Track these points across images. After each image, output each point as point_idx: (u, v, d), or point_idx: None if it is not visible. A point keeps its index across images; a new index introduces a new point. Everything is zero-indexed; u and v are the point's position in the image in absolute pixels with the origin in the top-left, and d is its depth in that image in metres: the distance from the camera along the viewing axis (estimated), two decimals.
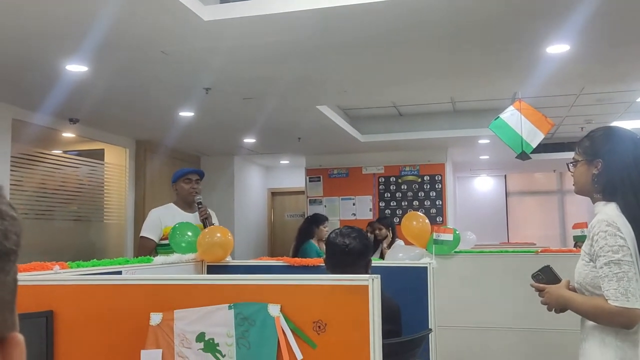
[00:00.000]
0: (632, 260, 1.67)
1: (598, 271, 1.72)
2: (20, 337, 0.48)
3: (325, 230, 5.45)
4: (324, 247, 5.84)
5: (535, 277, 1.97)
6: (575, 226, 3.35)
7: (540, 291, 1.94)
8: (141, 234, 3.72)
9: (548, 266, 1.97)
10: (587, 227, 3.29)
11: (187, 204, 3.78)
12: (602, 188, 1.82)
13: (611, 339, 1.71)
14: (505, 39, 3.49)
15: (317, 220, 5.64)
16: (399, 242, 5.37)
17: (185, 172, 3.87)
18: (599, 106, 6.39)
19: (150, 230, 3.67)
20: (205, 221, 3.64)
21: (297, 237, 5.65)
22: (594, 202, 1.87)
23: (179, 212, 3.73)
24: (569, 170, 1.97)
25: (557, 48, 3.64)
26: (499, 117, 4.47)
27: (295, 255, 5.20)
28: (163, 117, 5.49)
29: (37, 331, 1.51)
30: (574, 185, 1.96)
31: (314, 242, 5.49)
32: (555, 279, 1.94)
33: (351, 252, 2.18)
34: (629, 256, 1.67)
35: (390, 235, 5.58)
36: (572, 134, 7.82)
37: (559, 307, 1.89)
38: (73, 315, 1.56)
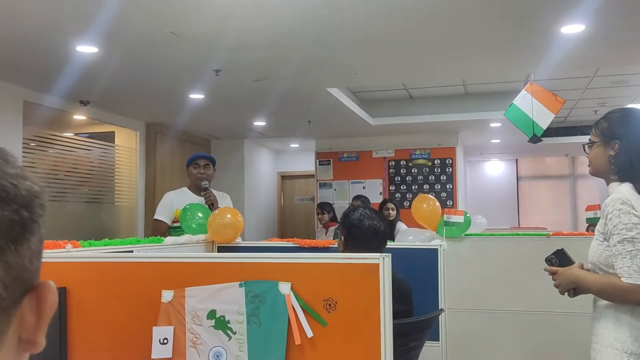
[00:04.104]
0: None
1: (612, 249, 1.72)
2: (52, 283, 0.54)
3: None
4: None
5: (548, 260, 1.97)
6: (589, 208, 3.32)
7: (553, 274, 1.94)
8: (154, 217, 3.81)
9: (562, 249, 1.96)
10: (600, 209, 3.27)
11: (197, 188, 3.83)
12: (618, 169, 1.82)
13: (627, 317, 1.71)
14: (519, 19, 3.44)
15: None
16: (402, 226, 5.42)
17: (194, 157, 3.94)
18: (614, 89, 6.30)
19: (163, 213, 3.74)
20: (211, 206, 3.65)
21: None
22: (608, 184, 1.87)
23: (191, 196, 3.78)
24: (585, 151, 1.97)
25: (572, 28, 3.57)
26: (512, 103, 4.41)
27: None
28: (173, 99, 5.49)
29: None
30: (589, 166, 1.96)
31: None
32: (569, 262, 1.93)
33: (382, 234, 2.20)
34: None
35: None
36: (585, 117, 7.72)
37: (571, 286, 1.88)
38: (85, 292, 1.57)
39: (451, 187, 7.82)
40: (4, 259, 0.48)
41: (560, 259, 1.94)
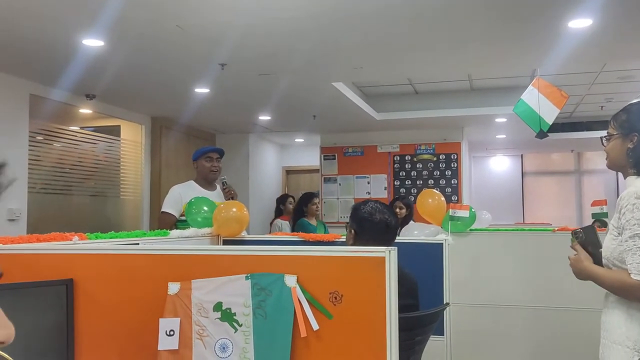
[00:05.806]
0: None
1: (623, 244, 1.69)
2: None
3: (314, 207, 5.93)
4: (316, 222, 6.11)
5: (575, 234, 1.91)
6: (594, 203, 3.29)
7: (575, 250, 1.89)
8: (162, 210, 3.79)
9: (592, 226, 1.91)
10: (606, 204, 3.26)
11: (207, 182, 3.83)
12: (636, 162, 1.79)
13: (639, 314, 1.68)
14: (526, 13, 3.42)
15: (305, 199, 6.02)
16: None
17: (207, 150, 3.92)
18: (620, 84, 6.26)
19: (171, 206, 3.72)
20: (232, 200, 3.66)
21: (292, 219, 6.20)
22: (625, 177, 1.84)
23: (199, 189, 3.78)
24: (603, 144, 1.93)
25: (580, 22, 3.55)
26: (520, 99, 4.40)
27: None
28: (178, 93, 5.49)
29: (58, 298, 1.54)
30: (606, 159, 1.93)
31: (306, 219, 5.90)
32: (595, 240, 1.88)
33: (393, 228, 2.21)
34: None
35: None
36: (591, 112, 7.68)
37: (581, 279, 1.86)
38: (92, 283, 1.58)
39: (456, 182, 7.80)
40: None
41: (587, 235, 1.87)
